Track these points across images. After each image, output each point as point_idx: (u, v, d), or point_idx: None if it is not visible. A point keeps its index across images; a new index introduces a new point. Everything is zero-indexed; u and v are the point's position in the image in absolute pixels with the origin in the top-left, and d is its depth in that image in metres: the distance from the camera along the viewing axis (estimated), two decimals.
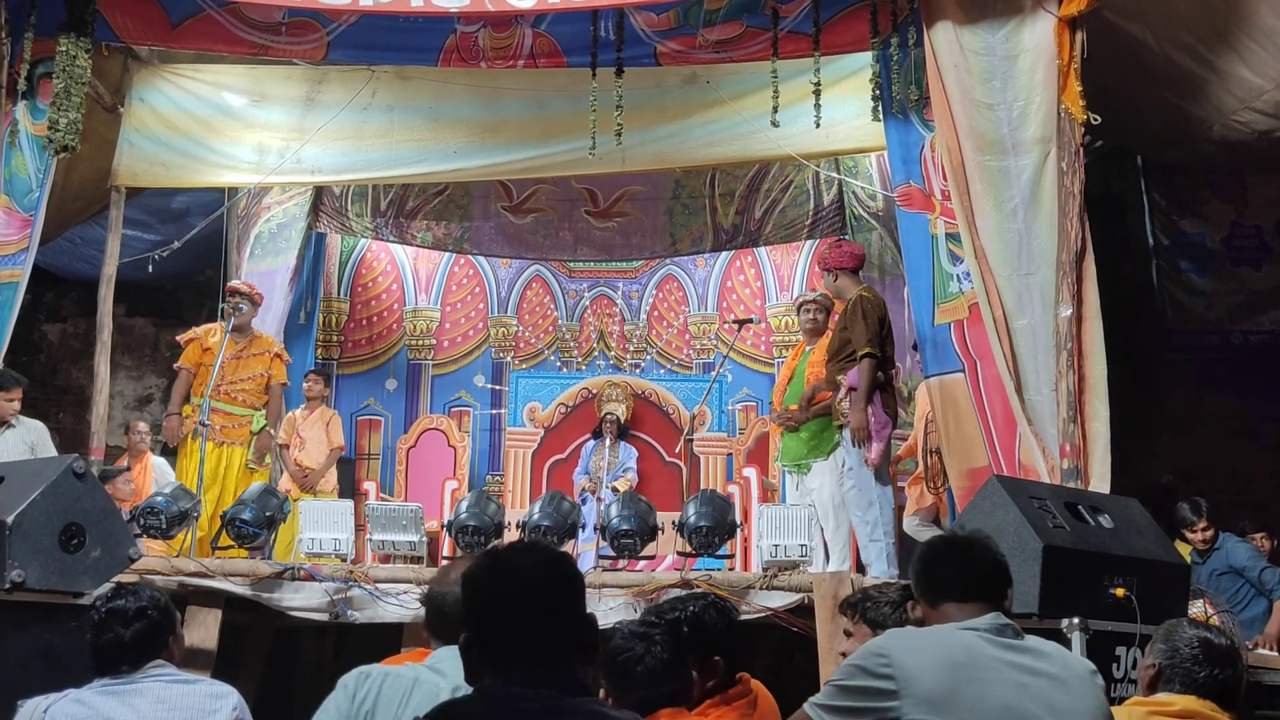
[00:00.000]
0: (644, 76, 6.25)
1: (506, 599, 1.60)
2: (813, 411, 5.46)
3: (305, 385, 7.32)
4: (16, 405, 5.75)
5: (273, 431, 6.71)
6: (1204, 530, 5.67)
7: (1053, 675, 1.93)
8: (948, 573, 2.19)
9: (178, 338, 6.81)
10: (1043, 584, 2.97)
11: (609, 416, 7.68)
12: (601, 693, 2.37)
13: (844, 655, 2.78)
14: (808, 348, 5.81)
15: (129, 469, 6.79)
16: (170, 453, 7.66)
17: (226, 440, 6.45)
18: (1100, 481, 4.52)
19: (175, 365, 6.79)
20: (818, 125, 5.59)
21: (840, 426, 5.27)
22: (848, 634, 2.77)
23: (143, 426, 7.38)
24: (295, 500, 6.24)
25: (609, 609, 4.35)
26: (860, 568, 5.28)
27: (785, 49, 5.66)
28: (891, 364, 5.39)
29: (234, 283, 6.94)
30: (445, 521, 5.34)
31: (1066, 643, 2.91)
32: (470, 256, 8.84)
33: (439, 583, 2.31)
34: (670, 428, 7.95)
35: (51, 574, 3.47)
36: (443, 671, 2.08)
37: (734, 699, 2.43)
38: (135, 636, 2.61)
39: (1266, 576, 5.52)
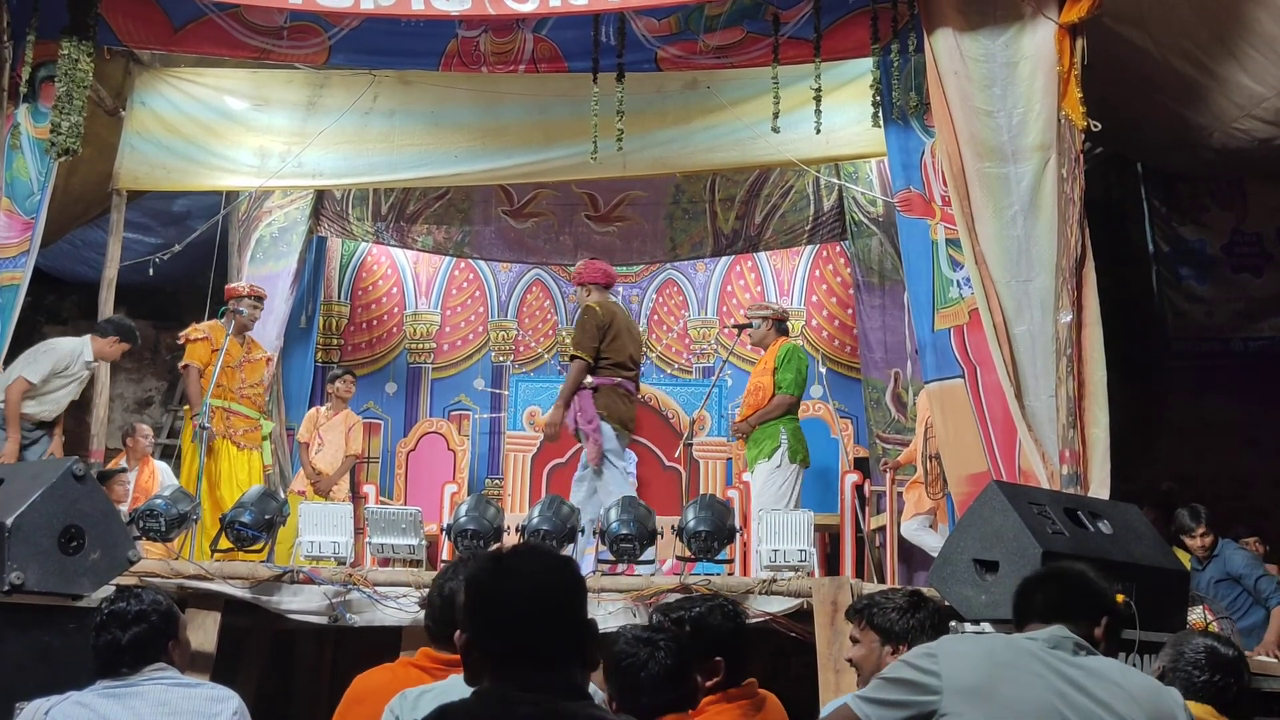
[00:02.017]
0: (645, 82, 6.27)
1: (508, 603, 1.60)
2: (754, 420, 5.87)
3: (335, 386, 7.29)
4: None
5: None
6: (1203, 536, 5.67)
7: (1099, 697, 1.91)
8: (1037, 599, 2.22)
9: (186, 334, 6.45)
10: None
11: None
12: (605, 696, 2.37)
13: (850, 661, 2.78)
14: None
15: (125, 470, 6.77)
16: (171, 455, 7.65)
17: (248, 444, 6.37)
18: (1100, 487, 4.52)
19: (184, 364, 6.37)
20: (818, 131, 5.59)
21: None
22: (854, 640, 2.74)
23: (147, 429, 7.37)
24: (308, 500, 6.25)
25: (608, 613, 4.35)
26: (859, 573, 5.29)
27: (786, 55, 5.68)
28: (626, 368, 5.73)
29: (243, 285, 6.74)
30: (444, 525, 5.33)
31: None
32: (470, 260, 8.84)
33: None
34: (670, 432, 7.94)
35: (50, 576, 3.47)
36: None
37: (736, 698, 2.44)
38: (133, 640, 2.61)
39: (1262, 585, 5.51)
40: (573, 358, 5.60)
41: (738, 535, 4.97)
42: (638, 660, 2.32)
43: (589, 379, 5.58)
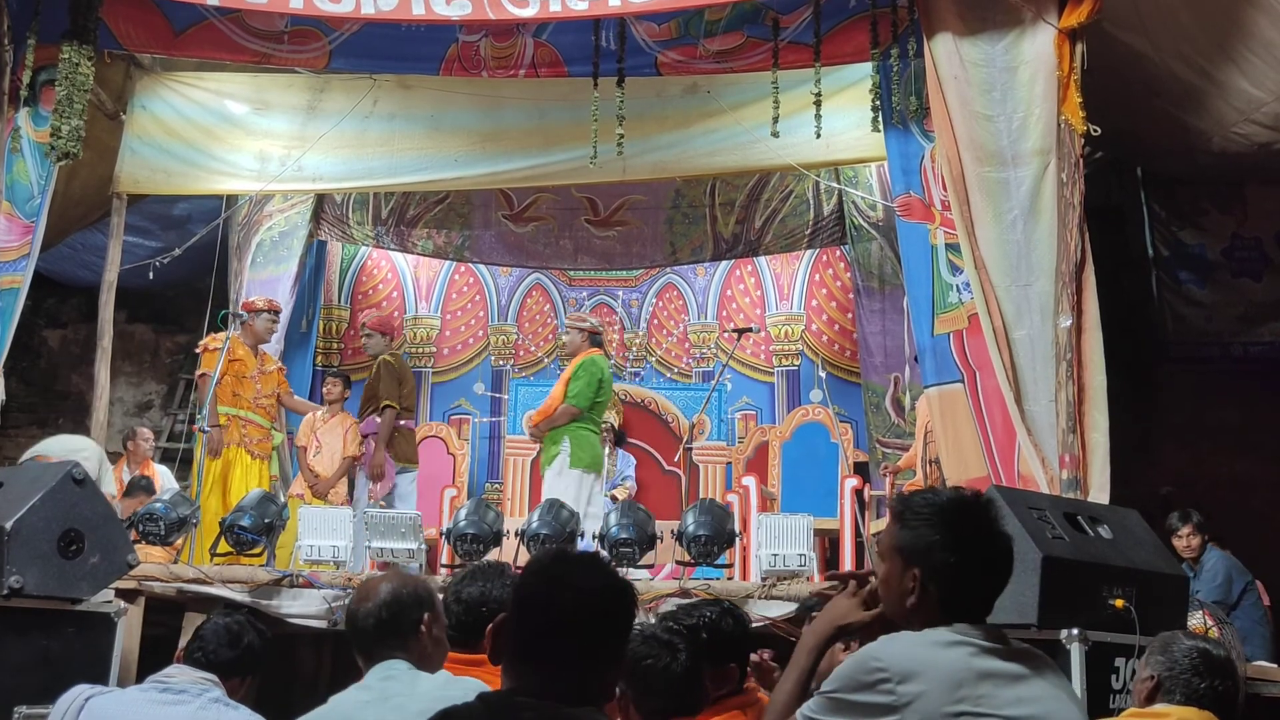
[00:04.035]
0: (645, 86, 6.27)
1: (554, 613, 1.59)
2: (543, 426, 6.09)
3: (325, 389, 7.32)
4: None
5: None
6: (1189, 537, 5.73)
7: (1042, 705, 1.86)
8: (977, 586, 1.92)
9: (205, 343, 6.42)
10: (1042, 595, 2.96)
11: (604, 425, 7.68)
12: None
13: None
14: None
15: (153, 494, 6.74)
16: (171, 458, 7.66)
17: (260, 454, 6.39)
18: (1099, 492, 4.52)
19: (201, 374, 6.34)
20: (818, 135, 5.60)
21: None
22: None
23: (147, 433, 7.37)
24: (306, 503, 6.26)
25: None
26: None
27: (786, 59, 5.68)
28: (411, 415, 6.63)
29: (260, 299, 6.79)
30: (444, 529, 5.33)
31: (1065, 654, 2.90)
32: (470, 264, 8.85)
33: (359, 600, 2.23)
34: (669, 436, 7.94)
35: (50, 580, 3.46)
36: (368, 686, 2.09)
37: (748, 705, 2.45)
38: (247, 643, 2.82)
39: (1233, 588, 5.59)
40: (385, 407, 6.39)
41: (737, 540, 4.97)
42: (659, 662, 2.30)
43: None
